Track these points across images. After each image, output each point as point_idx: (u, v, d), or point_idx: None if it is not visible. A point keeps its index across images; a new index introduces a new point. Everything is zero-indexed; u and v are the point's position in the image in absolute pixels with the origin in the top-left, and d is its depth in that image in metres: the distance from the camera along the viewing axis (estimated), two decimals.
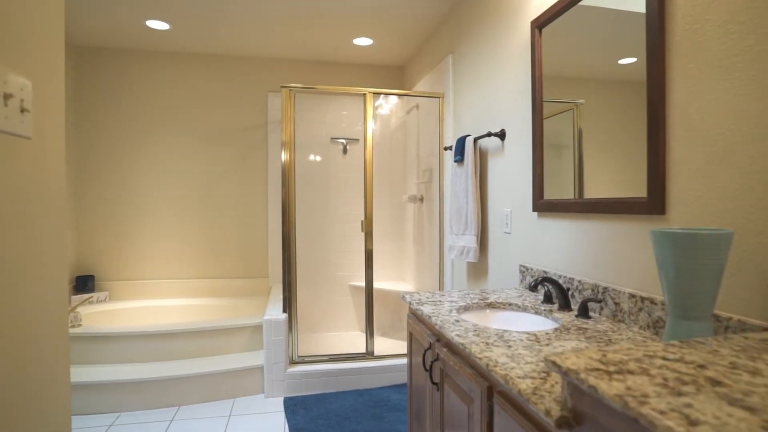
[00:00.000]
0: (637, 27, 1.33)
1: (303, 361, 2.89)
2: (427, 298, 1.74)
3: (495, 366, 1.01)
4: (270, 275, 3.96)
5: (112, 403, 2.58)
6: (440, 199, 3.03)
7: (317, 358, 2.92)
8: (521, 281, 1.98)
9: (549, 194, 1.80)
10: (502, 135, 2.17)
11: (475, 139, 2.34)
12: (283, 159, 2.82)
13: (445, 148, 2.82)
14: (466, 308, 1.63)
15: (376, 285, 3.83)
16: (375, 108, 3.98)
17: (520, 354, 1.09)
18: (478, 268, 2.47)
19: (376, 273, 4.05)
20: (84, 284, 3.55)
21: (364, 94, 2.91)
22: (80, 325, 2.88)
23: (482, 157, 2.39)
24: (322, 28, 3.24)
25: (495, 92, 2.28)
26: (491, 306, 1.68)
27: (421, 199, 3.48)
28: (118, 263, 3.72)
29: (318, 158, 3.99)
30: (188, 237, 3.82)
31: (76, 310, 2.94)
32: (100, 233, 3.69)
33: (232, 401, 2.73)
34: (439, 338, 1.45)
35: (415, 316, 1.72)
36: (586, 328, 1.32)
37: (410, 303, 1.70)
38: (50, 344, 0.92)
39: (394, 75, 4.12)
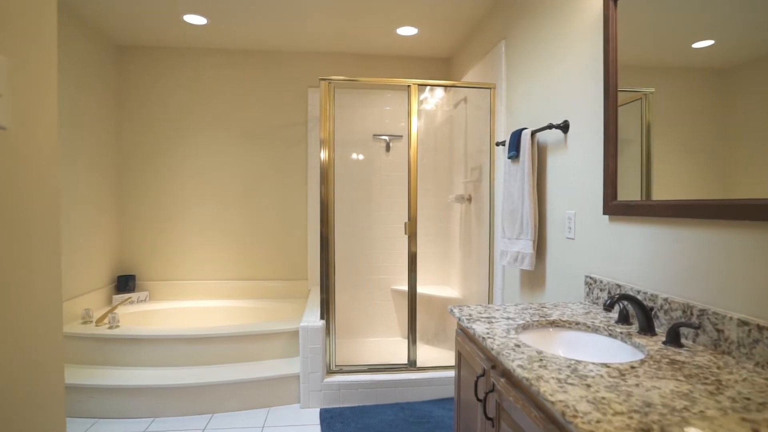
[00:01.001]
0: None
1: (341, 370, 2.73)
2: (479, 313, 1.52)
3: (574, 416, 0.79)
4: (309, 277, 3.84)
5: (146, 407, 2.52)
6: (491, 200, 2.78)
7: (356, 368, 2.75)
8: (587, 294, 1.72)
9: (622, 194, 1.54)
10: (564, 127, 1.91)
11: (533, 133, 2.08)
12: (321, 157, 2.67)
13: (497, 144, 2.58)
14: (525, 327, 1.40)
15: (420, 290, 3.62)
16: (420, 102, 3.77)
17: (604, 399, 0.85)
18: (534, 278, 2.21)
19: (420, 277, 3.84)
20: (125, 284, 3.56)
21: (409, 86, 2.71)
22: (118, 326, 2.86)
23: (541, 153, 2.13)
24: (364, 17, 3.07)
25: (556, 79, 2.01)
26: (555, 324, 1.44)
27: (469, 199, 3.24)
28: (158, 263, 3.71)
29: (360, 156, 3.83)
30: (227, 237, 3.76)
31: (114, 312, 2.92)
32: (142, 233, 3.70)
33: (266, 411, 2.61)
34: (495, 365, 1.23)
35: (466, 335, 1.51)
36: (682, 362, 1.06)
37: (459, 319, 1.49)
38: (42, 347, 0.82)
39: (440, 67, 3.89)
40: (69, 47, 3.03)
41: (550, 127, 1.93)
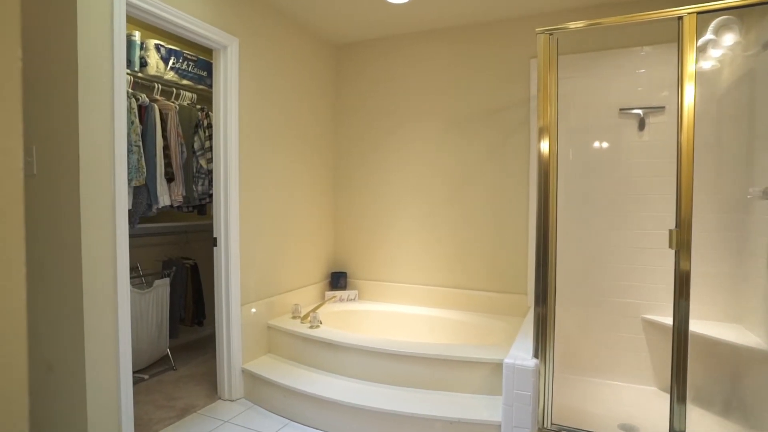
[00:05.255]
0: None
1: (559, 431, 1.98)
2: None
3: None
4: (529, 292, 3.12)
5: (329, 421, 2.31)
6: None
7: None
8: None
9: None
10: None
11: None
12: (540, 149, 1.98)
13: None
14: None
15: (694, 327, 2.47)
16: (698, 51, 2.59)
17: None
18: None
19: (692, 307, 2.66)
20: (337, 281, 3.56)
21: (680, 19, 1.75)
22: (318, 326, 2.77)
23: None
24: None
25: None
26: None
27: None
28: (367, 262, 3.60)
29: (598, 141, 2.91)
30: (436, 239, 3.37)
31: (316, 311, 2.85)
32: (353, 230, 3.65)
33: None
34: None
35: None
36: None
37: None
38: None
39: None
40: (297, 53, 3.16)
41: None
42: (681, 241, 1.78)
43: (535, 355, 2.01)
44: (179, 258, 3.35)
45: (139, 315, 2.84)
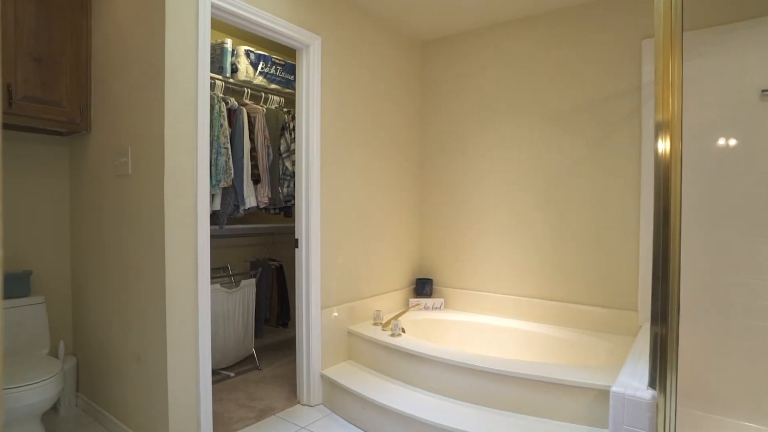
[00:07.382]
0: None
1: None
2: None
3: None
4: (640, 308, 2.69)
5: None
6: None
7: None
8: None
9: None
10: None
11: None
12: (659, 150, 1.65)
13: None
14: None
15: None
16: None
17: None
18: None
19: None
20: (422, 288, 3.39)
21: None
22: (400, 334, 2.62)
23: None
24: None
25: None
26: None
27: None
28: (454, 269, 3.38)
29: (731, 131, 2.43)
30: (528, 247, 3.07)
31: (397, 320, 2.71)
32: (439, 235, 3.46)
33: None
34: None
35: None
36: None
37: None
38: None
39: None
40: (381, 50, 3.10)
41: None
42: None
43: (652, 385, 1.66)
44: (266, 259, 3.42)
45: (225, 314, 2.92)
